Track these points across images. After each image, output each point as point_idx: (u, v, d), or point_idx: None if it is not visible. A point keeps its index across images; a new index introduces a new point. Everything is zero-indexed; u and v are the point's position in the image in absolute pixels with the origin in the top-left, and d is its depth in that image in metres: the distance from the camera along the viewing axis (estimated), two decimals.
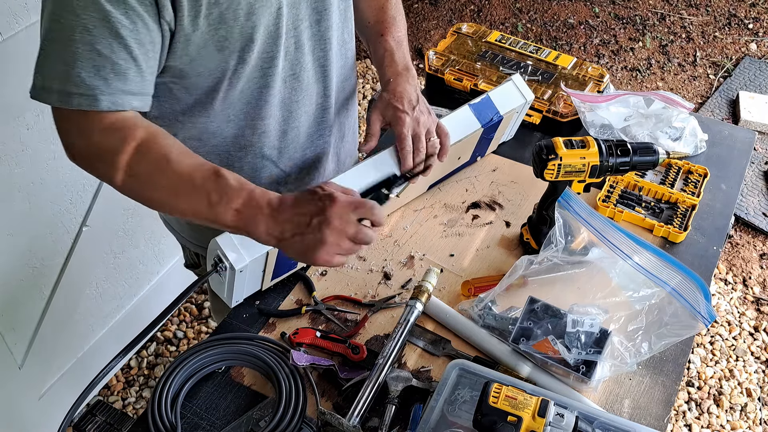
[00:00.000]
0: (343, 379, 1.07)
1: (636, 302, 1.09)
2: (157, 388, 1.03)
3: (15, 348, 1.81)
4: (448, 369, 1.03)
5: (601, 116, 1.45)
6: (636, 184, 1.40)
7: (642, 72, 3.58)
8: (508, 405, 0.89)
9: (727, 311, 2.57)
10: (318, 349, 1.12)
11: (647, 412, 1.07)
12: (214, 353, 1.08)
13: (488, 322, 1.13)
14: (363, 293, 1.22)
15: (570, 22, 3.85)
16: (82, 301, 1.98)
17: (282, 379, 1.04)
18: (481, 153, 1.44)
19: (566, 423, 0.89)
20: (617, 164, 1.19)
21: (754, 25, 3.87)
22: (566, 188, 1.16)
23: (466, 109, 1.31)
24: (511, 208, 1.38)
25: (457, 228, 1.34)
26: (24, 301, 1.80)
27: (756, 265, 2.71)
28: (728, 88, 3.42)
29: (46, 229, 1.77)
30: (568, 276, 1.13)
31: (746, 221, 2.81)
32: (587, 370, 1.02)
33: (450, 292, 1.22)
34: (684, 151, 1.49)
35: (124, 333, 2.22)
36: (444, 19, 3.88)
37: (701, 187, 1.41)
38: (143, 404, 2.25)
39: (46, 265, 1.82)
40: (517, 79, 1.38)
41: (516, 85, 1.37)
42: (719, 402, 2.31)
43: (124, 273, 2.11)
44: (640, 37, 3.79)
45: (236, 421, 1.03)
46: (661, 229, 1.32)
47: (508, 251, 1.30)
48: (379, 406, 1.04)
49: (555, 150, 1.16)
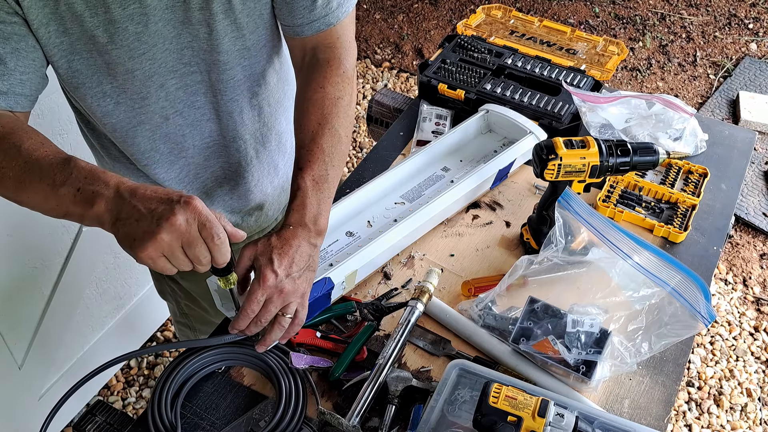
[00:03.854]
0: (343, 379, 1.07)
1: (636, 302, 1.09)
2: (157, 388, 1.03)
3: (15, 348, 1.81)
4: (448, 369, 1.03)
5: (602, 116, 1.44)
6: (636, 184, 1.40)
7: (642, 72, 3.58)
8: (508, 405, 0.89)
9: (727, 311, 2.57)
10: (318, 350, 1.12)
11: (647, 412, 1.07)
12: (214, 353, 1.07)
13: (488, 322, 1.13)
14: (363, 293, 1.22)
15: (570, 22, 3.85)
16: (82, 301, 1.98)
17: (282, 379, 1.04)
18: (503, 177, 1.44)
19: (566, 423, 0.89)
20: (617, 164, 1.18)
21: (754, 25, 3.87)
22: (566, 188, 1.16)
23: (490, 170, 1.34)
24: (511, 208, 1.38)
25: (457, 228, 1.34)
26: (24, 301, 1.80)
27: (756, 265, 2.71)
28: (728, 88, 3.42)
29: (46, 229, 1.77)
30: (568, 276, 1.13)
31: (746, 221, 2.81)
32: (587, 370, 1.02)
33: (450, 292, 1.22)
34: (684, 151, 1.49)
35: (124, 333, 2.22)
36: (444, 19, 3.88)
37: (701, 187, 1.41)
38: (143, 404, 2.25)
39: (46, 265, 1.82)
40: (534, 130, 1.41)
41: (535, 135, 1.40)
42: (719, 402, 2.31)
43: (124, 273, 2.10)
44: (640, 37, 3.79)
45: (236, 421, 1.03)
46: (661, 229, 1.32)
47: (508, 251, 1.30)
48: (379, 406, 1.04)
49: (555, 150, 1.16)
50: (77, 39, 0.99)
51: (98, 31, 0.98)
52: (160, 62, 1.05)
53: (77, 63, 1.02)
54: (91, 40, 0.99)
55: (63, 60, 1.01)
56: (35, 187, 0.89)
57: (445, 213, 1.31)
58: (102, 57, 1.02)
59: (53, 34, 0.97)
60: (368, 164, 1.47)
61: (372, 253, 1.17)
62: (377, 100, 1.71)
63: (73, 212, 0.87)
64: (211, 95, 1.14)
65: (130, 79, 1.05)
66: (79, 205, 0.86)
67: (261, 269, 0.96)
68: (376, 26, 3.85)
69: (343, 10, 1.13)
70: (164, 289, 1.56)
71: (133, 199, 0.84)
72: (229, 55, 1.10)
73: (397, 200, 1.34)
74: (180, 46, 1.06)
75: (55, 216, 0.91)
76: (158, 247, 0.82)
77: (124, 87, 1.06)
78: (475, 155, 1.45)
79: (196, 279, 1.41)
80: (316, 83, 1.12)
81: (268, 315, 0.98)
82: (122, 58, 1.02)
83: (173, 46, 1.05)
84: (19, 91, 0.97)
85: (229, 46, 1.09)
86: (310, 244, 1.00)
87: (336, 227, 1.27)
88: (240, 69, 1.13)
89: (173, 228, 0.82)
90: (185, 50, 1.07)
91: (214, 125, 1.19)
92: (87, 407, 1.14)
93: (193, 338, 1.63)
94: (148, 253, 0.82)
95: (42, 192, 0.89)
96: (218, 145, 1.22)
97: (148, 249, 0.82)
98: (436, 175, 1.40)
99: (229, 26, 1.07)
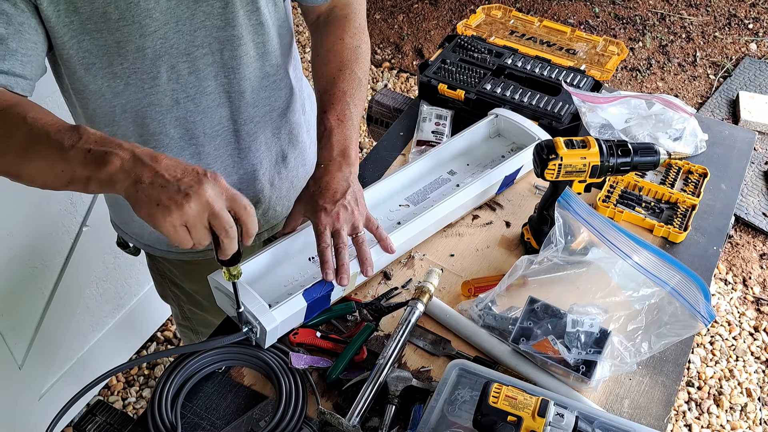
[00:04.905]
0: (344, 379, 1.07)
1: (636, 302, 1.09)
2: (157, 388, 1.03)
3: (15, 348, 1.81)
4: (448, 369, 1.03)
5: (602, 116, 1.45)
6: (636, 184, 1.40)
7: (642, 72, 3.58)
8: (508, 405, 0.89)
9: (727, 311, 2.57)
10: (318, 350, 1.12)
11: (647, 412, 1.07)
12: (214, 353, 1.08)
13: (488, 322, 1.13)
14: (363, 293, 1.22)
15: (570, 22, 3.85)
16: (82, 301, 1.98)
17: (282, 379, 1.04)
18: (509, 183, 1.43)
19: (566, 423, 0.89)
20: (618, 164, 1.18)
21: (754, 25, 3.88)
22: (566, 188, 1.16)
23: (496, 175, 1.33)
24: (511, 208, 1.38)
25: (457, 228, 1.34)
26: (24, 301, 1.80)
27: (756, 265, 2.71)
28: (728, 88, 3.42)
29: (46, 229, 1.77)
30: (567, 276, 1.13)
31: (746, 221, 2.81)
32: (587, 370, 1.02)
33: (450, 292, 1.22)
34: (684, 151, 1.49)
35: (124, 333, 2.22)
36: (444, 19, 3.88)
37: (701, 187, 1.41)
38: (143, 404, 2.25)
39: (46, 265, 1.82)
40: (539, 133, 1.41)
41: None
42: (719, 402, 2.31)
43: (124, 273, 2.11)
44: (640, 37, 3.79)
45: (236, 421, 1.03)
46: (661, 229, 1.32)
47: (508, 251, 1.30)
48: (379, 406, 1.04)
49: (556, 150, 1.16)
50: (87, 18, 0.98)
51: (110, 7, 0.98)
52: (171, 42, 1.05)
53: (87, 43, 1.01)
54: (102, 17, 0.99)
55: (73, 40, 1.00)
56: (42, 152, 0.88)
57: (449, 218, 1.31)
58: (113, 35, 1.01)
59: (63, 13, 0.97)
60: (368, 164, 1.47)
61: (373, 255, 1.17)
62: (377, 100, 1.71)
63: (80, 176, 0.85)
64: (222, 76, 1.14)
65: (140, 58, 1.05)
66: (89, 166, 0.84)
67: (313, 212, 1.08)
68: (376, 26, 3.85)
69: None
70: (166, 293, 1.56)
71: (155, 164, 0.83)
72: (244, 29, 1.10)
73: (402, 202, 1.34)
74: (193, 27, 1.06)
75: (58, 185, 0.89)
76: (183, 216, 0.81)
77: (134, 67, 1.06)
78: (483, 159, 1.44)
79: (199, 280, 1.41)
80: (335, 35, 1.21)
81: (341, 241, 1.07)
82: (133, 36, 1.02)
83: (186, 27, 1.05)
84: (20, 72, 0.96)
85: (244, 20, 1.09)
86: (344, 174, 1.10)
87: None
88: (253, 45, 1.14)
89: (201, 199, 0.81)
90: (198, 31, 1.07)
91: (225, 110, 1.18)
92: (87, 407, 1.14)
93: (196, 341, 1.63)
94: (171, 220, 0.81)
95: (49, 157, 0.87)
96: (228, 131, 1.21)
97: (173, 215, 0.81)
98: (442, 179, 1.39)
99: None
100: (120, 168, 0.83)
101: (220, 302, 1.14)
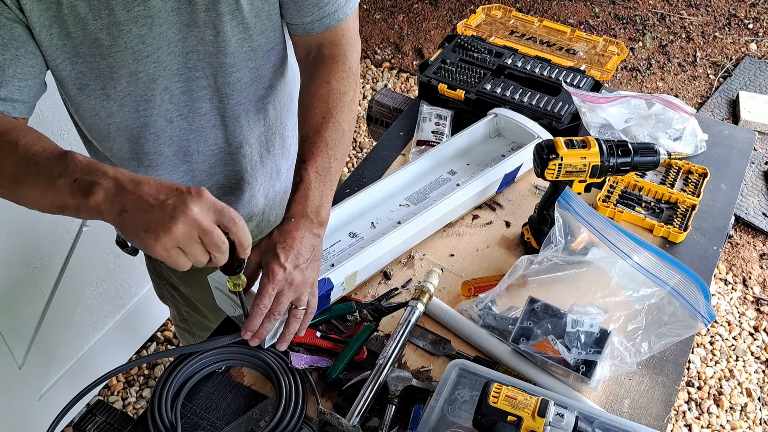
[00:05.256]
0: (343, 379, 1.07)
1: (636, 302, 1.09)
2: (157, 388, 1.03)
3: (15, 348, 1.81)
4: (448, 369, 1.03)
5: (602, 116, 1.44)
6: (636, 184, 1.40)
7: (642, 72, 3.58)
8: (508, 405, 0.89)
9: (727, 311, 2.57)
10: (318, 350, 1.12)
11: (647, 412, 1.07)
12: (214, 353, 1.08)
13: (488, 322, 1.13)
14: (363, 293, 1.22)
15: (570, 23, 3.85)
16: (82, 301, 1.98)
17: (282, 379, 1.04)
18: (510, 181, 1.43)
19: (566, 423, 0.89)
20: (618, 164, 1.18)
21: (754, 25, 3.88)
22: (566, 188, 1.16)
23: (496, 174, 1.33)
24: (511, 208, 1.38)
25: (457, 228, 1.34)
26: (24, 301, 1.80)
27: (756, 265, 2.71)
28: (728, 88, 3.42)
29: (46, 229, 1.77)
30: (567, 276, 1.13)
31: (746, 221, 2.81)
32: (587, 370, 1.02)
33: (450, 292, 1.22)
34: (684, 151, 1.49)
35: (124, 333, 2.22)
36: (444, 19, 3.88)
37: (701, 187, 1.41)
38: (143, 404, 2.25)
39: (46, 265, 1.82)
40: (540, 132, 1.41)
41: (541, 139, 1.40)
42: (719, 402, 2.31)
43: (124, 273, 2.11)
44: (640, 37, 3.79)
45: (236, 421, 1.03)
46: (661, 229, 1.32)
47: (508, 251, 1.30)
48: (379, 406, 1.04)
49: (556, 150, 1.16)
50: (80, 42, 0.99)
51: (101, 34, 0.98)
52: (164, 65, 1.05)
53: (80, 65, 1.01)
54: (95, 43, 0.99)
55: (66, 62, 1.00)
56: (32, 181, 0.88)
57: (449, 217, 1.31)
58: (105, 60, 1.01)
59: (55, 37, 0.97)
60: (368, 164, 1.47)
61: (373, 254, 1.17)
62: (377, 100, 1.71)
63: (70, 204, 0.85)
64: (216, 100, 1.14)
65: (134, 82, 1.05)
66: (76, 196, 0.84)
67: (268, 265, 0.97)
68: (376, 26, 3.85)
69: (351, 6, 1.14)
70: (164, 295, 1.56)
71: (138, 189, 0.82)
72: (236, 57, 1.09)
73: (402, 202, 1.34)
74: (185, 50, 1.06)
75: (52, 211, 0.89)
76: (173, 239, 0.80)
77: (128, 90, 1.06)
78: (483, 159, 1.44)
79: (196, 285, 1.41)
80: (321, 78, 1.13)
81: (281, 308, 0.98)
82: (126, 61, 1.02)
83: (178, 49, 1.05)
84: (17, 98, 0.96)
85: (236, 48, 1.08)
86: (313, 235, 1.01)
87: (339, 228, 1.27)
88: (247, 71, 1.13)
89: (188, 219, 0.80)
90: (190, 54, 1.06)
91: (220, 132, 1.19)
92: (87, 407, 1.14)
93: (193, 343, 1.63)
94: (162, 245, 0.80)
95: (39, 186, 0.87)
96: (224, 152, 1.22)
97: (162, 240, 0.80)
98: (442, 178, 1.39)
99: (237, 27, 1.06)
100: (104, 198, 0.82)
101: (220, 302, 1.14)
